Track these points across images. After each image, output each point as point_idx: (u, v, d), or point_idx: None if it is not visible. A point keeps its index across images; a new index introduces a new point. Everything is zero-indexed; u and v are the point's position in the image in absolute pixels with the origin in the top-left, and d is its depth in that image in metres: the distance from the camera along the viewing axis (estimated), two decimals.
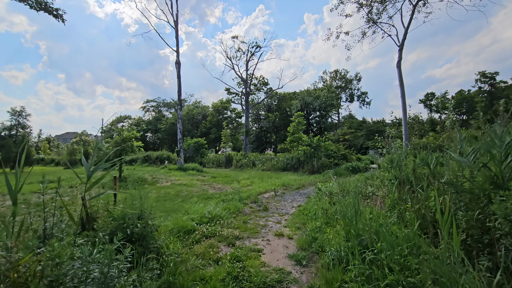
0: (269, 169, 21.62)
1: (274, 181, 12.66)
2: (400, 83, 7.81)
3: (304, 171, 17.97)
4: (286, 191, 9.81)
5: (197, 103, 63.47)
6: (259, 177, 15.70)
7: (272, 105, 42.28)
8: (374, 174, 13.64)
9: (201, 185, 11.97)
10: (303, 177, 14.54)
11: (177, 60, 20.36)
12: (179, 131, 20.19)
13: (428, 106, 75.14)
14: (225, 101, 51.96)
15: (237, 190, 10.40)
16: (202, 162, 27.42)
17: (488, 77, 57.92)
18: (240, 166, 24.33)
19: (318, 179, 13.84)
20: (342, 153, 21.33)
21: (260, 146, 43.49)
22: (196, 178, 14.73)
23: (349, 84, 66.04)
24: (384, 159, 8.34)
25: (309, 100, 35.74)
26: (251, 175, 16.76)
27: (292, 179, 13.64)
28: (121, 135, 12.44)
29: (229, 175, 16.88)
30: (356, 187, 7.52)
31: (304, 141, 18.30)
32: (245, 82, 29.00)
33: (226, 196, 8.18)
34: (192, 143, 29.17)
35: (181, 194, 9.15)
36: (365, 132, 52.45)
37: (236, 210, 6.30)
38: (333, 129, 39.13)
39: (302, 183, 12.02)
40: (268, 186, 10.98)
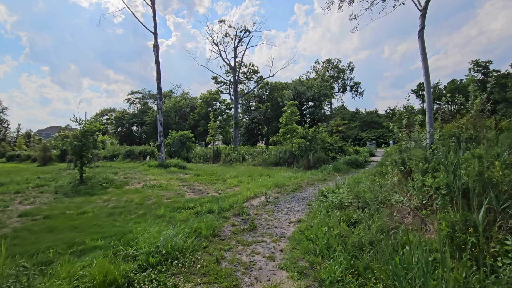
0: (260, 164, 19.79)
1: (266, 180, 10.82)
2: (423, 56, 5.96)
3: (298, 166, 16.21)
4: (280, 194, 7.97)
5: (185, 94, 60.71)
6: (248, 174, 13.84)
7: (263, 96, 40.21)
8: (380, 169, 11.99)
9: (178, 187, 10.02)
10: (298, 174, 12.75)
11: (155, 43, 18.05)
12: (159, 124, 18.04)
13: (420, 96, 74.42)
14: (214, 91, 49.54)
15: (221, 193, 8.51)
16: (188, 157, 25.40)
17: (482, 66, 57.08)
18: (229, 161, 22.41)
19: (316, 176, 12.07)
20: (339, 145, 19.65)
21: (251, 138, 41.54)
22: (176, 177, 12.75)
23: (342, 74, 64.34)
24: (405, 154, 6.58)
25: (302, 89, 33.82)
26: (240, 172, 14.88)
27: (287, 176, 11.83)
28: (82, 129, 10.28)
29: (215, 172, 14.97)
30: (372, 192, 5.73)
31: (298, 133, 16.48)
32: (234, 70, 26.77)
33: (202, 206, 6.29)
34: (177, 137, 27.03)
35: (147, 202, 7.19)
36: (358, 123, 51.20)
37: (211, 232, 4.41)
38: (326, 121, 37.48)
39: (298, 182, 10.21)
40: (258, 187, 9.13)
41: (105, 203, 7.17)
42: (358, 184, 7.36)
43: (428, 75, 6.80)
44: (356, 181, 9.01)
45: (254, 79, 30.85)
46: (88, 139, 10.35)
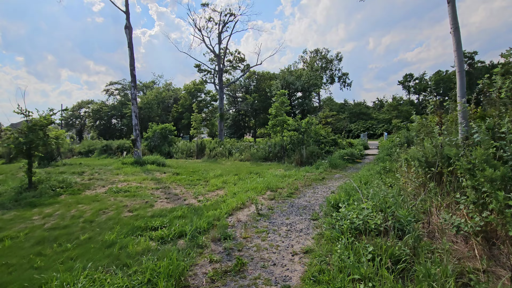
0: (248, 159, 18.22)
1: (255, 180, 9.24)
2: (455, 27, 4.47)
3: (290, 161, 14.75)
4: (273, 202, 6.42)
5: (168, 85, 57.79)
6: (235, 171, 12.25)
7: (250, 86, 38.35)
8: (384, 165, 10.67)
9: (151, 192, 8.30)
10: (291, 171, 11.26)
11: (127, 24, 15.85)
12: (133, 115, 16.02)
13: (407, 87, 74.72)
14: (199, 82, 47.13)
15: (200, 201, 6.88)
16: (170, 152, 23.52)
17: (467, 56, 57.20)
18: (214, 156, 20.70)
19: (312, 174, 10.63)
20: (332, 138, 18.33)
21: (237, 131, 39.80)
22: (151, 177, 10.98)
23: (330, 64, 63.18)
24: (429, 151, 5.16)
25: (291, 79, 32.25)
26: (225, 169, 13.26)
27: (279, 175, 10.32)
28: (29, 122, 8.32)
29: (198, 170, 13.28)
30: (405, 207, 4.28)
31: (290, 125, 14.96)
32: (218, 58, 24.74)
33: (172, 224, 4.65)
34: (158, 130, 24.99)
35: (100, 218, 5.46)
36: (347, 114, 50.34)
37: (173, 283, 2.81)
38: (316, 112, 36.21)
39: (293, 183, 8.71)
40: (246, 191, 7.57)
41: (44, 220, 5.39)
42: (368, 187, 5.94)
43: (460, 50, 5.35)
44: (363, 181, 7.61)
45: (240, 68, 28.94)
46: (37, 135, 8.39)
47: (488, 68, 51.74)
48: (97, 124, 52.71)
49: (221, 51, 25.23)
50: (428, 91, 70.86)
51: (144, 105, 48.25)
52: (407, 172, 7.15)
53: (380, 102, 60.56)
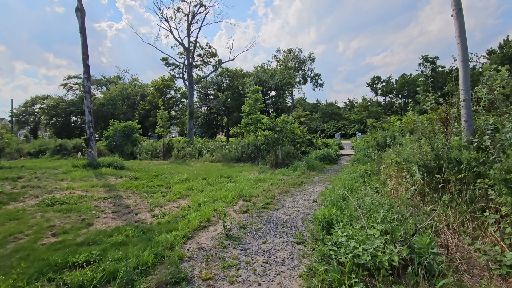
0: (220, 159, 16.92)
1: (226, 186, 8.01)
2: (458, 8, 3.57)
3: (264, 162, 13.71)
4: (246, 216, 5.24)
5: (134, 80, 54.26)
6: (204, 174, 10.94)
7: (222, 84, 36.84)
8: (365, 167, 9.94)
9: (96, 203, 6.74)
10: (266, 174, 10.18)
11: (78, 6, 13.74)
12: (87, 111, 13.96)
13: (375, 89, 77.67)
14: (168, 78, 44.64)
15: (156, 217, 5.52)
16: (134, 152, 21.44)
17: (430, 61, 60.30)
18: (183, 156, 19.10)
19: (289, 177, 9.65)
20: (308, 138, 17.63)
21: (209, 130, 38.09)
22: (102, 183, 9.28)
23: (303, 64, 63.53)
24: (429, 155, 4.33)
25: (265, 77, 31.31)
26: (193, 172, 11.88)
27: (252, 179, 9.18)
28: None
29: (162, 173, 11.77)
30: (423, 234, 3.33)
31: (264, 123, 13.91)
32: (187, 51, 22.98)
33: (104, 259, 3.31)
34: (120, 128, 22.72)
35: (4, 248, 3.92)
36: (320, 114, 50.73)
37: None
38: (289, 111, 35.69)
39: (269, 188, 7.63)
40: (214, 201, 6.34)
41: None
42: (358, 197, 5.00)
43: (464, 35, 4.59)
44: (348, 187, 6.72)
45: (212, 64, 27.38)
46: None
47: (448, 73, 54.92)
48: (53, 121, 47.91)
49: (191, 44, 23.54)
50: (394, 93, 74.31)
51: (107, 102, 44.63)
52: (396, 176, 6.39)
53: (351, 103, 62.09)
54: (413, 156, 5.15)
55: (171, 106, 47.59)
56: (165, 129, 20.05)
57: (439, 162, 4.59)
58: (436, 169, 4.61)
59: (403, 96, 73.26)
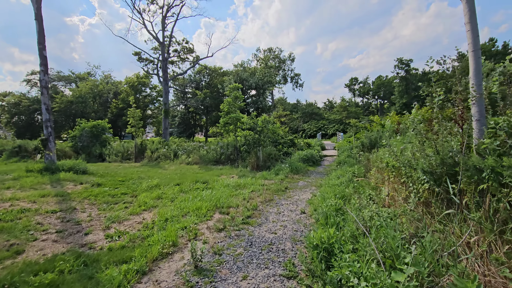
0: (197, 161, 15.80)
1: (201, 194, 7.01)
2: None
3: (245, 165, 12.82)
4: (223, 235, 4.31)
5: (107, 77, 51.19)
6: (178, 179, 9.86)
7: (201, 82, 35.42)
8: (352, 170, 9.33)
9: (40, 218, 5.52)
10: (247, 179, 9.28)
11: None
12: (43, 108, 12.30)
13: (352, 90, 79.30)
14: (143, 75, 42.41)
15: (109, 239, 4.46)
16: (103, 153, 19.71)
17: (404, 63, 62.24)
18: (157, 158, 17.76)
19: (272, 182, 8.82)
20: (290, 138, 16.95)
21: (187, 129, 36.55)
22: (55, 192, 7.94)
23: (283, 64, 63.31)
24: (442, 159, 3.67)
25: (245, 75, 30.39)
26: (165, 176, 10.76)
27: (232, 185, 8.25)
28: None
29: (130, 178, 10.55)
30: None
31: (244, 123, 13.01)
32: (162, 46, 21.50)
33: None
34: (87, 127, 20.87)
35: None
36: (300, 114, 50.66)
37: None
38: (270, 111, 35.05)
39: (250, 197, 6.74)
40: (185, 213, 5.36)
41: None
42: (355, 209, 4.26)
43: (475, 21, 3.97)
44: (339, 194, 5.98)
45: (189, 60, 26.03)
46: None
47: (421, 75, 56.97)
48: (15, 120, 44.04)
49: (166, 39, 22.10)
50: (371, 94, 76.30)
51: (76, 99, 41.60)
52: (393, 182, 5.75)
53: (330, 103, 62.78)
54: (415, 160, 4.48)
55: (146, 104, 45.30)
56: (138, 129, 18.55)
57: (446, 168, 3.94)
58: (444, 177, 3.96)
59: (379, 97, 75.37)
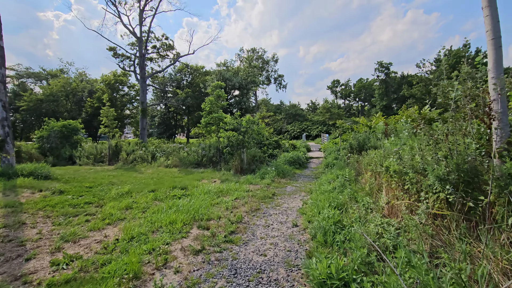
0: (176, 164, 14.80)
1: (178, 203, 6.14)
2: None
3: (228, 168, 12.01)
4: (200, 259, 3.48)
5: (82, 75, 48.45)
6: (153, 185, 8.91)
7: (182, 81, 34.11)
8: (341, 173, 8.76)
9: None
10: (231, 184, 8.48)
11: None
12: (0, 105, 10.87)
13: (334, 92, 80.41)
14: (121, 73, 40.39)
15: (56, 268, 3.52)
16: (73, 156, 18.17)
17: (384, 67, 63.72)
18: (133, 160, 16.55)
19: (258, 187, 8.08)
20: (275, 139, 16.32)
21: (167, 130, 35.08)
22: (6, 202, 6.75)
23: (266, 65, 62.94)
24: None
25: (228, 75, 29.52)
26: (140, 182, 9.76)
27: (213, 191, 7.43)
28: None
29: (100, 183, 9.47)
30: None
31: (227, 123, 12.20)
32: (140, 41, 20.21)
33: None
34: (57, 127, 19.23)
35: None
36: (284, 115, 50.41)
37: None
38: (253, 112, 34.37)
39: (234, 206, 5.95)
40: (156, 229, 4.50)
41: None
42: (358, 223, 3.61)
43: (494, 5, 3.44)
44: (333, 203, 5.34)
45: (169, 57, 24.78)
46: None
47: (400, 79, 58.42)
48: None
49: (144, 34, 20.82)
50: (352, 96, 77.74)
51: (47, 98, 38.95)
52: (393, 189, 5.18)
53: (313, 105, 63.13)
54: (424, 165, 3.90)
55: (124, 104, 43.21)
56: (112, 129, 17.19)
57: (464, 174, 3.37)
58: (462, 184, 3.39)
59: (360, 100, 76.88)
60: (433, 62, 50.14)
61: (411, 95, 40.54)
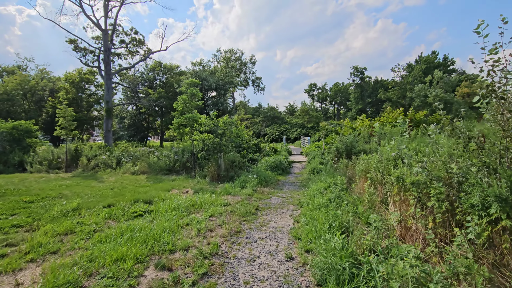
0: (145, 170, 13.18)
1: (132, 227, 4.75)
2: None
3: (203, 174, 10.67)
4: None
5: (44, 72, 44.39)
6: (112, 197, 7.41)
7: (155, 80, 32.04)
8: (332, 180, 7.76)
9: None
10: (205, 195, 7.18)
11: None
12: None
13: (311, 95, 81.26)
14: (87, 71, 37.32)
15: None
16: (24, 161, 15.84)
17: (359, 71, 65.21)
18: (94, 167, 14.63)
19: (237, 198, 6.86)
20: (255, 142, 15.18)
21: (138, 132, 32.71)
22: None
23: (244, 67, 61.99)
24: None
25: (204, 75, 28.05)
26: (97, 193, 8.18)
27: (183, 205, 6.09)
28: None
29: (44, 196, 7.81)
30: None
31: (202, 124, 10.86)
32: (105, 33, 18.20)
33: None
34: (5, 129, 16.81)
35: None
36: (262, 118, 49.53)
37: None
38: (231, 114, 33.08)
39: (208, 228, 4.68)
40: (95, 272, 3.14)
41: None
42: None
43: None
44: (336, 223, 4.27)
45: (140, 54, 22.82)
46: None
47: (374, 83, 59.91)
48: None
49: (109, 26, 18.84)
50: (328, 100, 78.98)
51: (1, 96, 34.97)
52: (408, 204, 4.21)
53: (291, 108, 63.05)
54: (461, 175, 2.92)
55: (91, 104, 40.02)
56: (70, 131, 15.10)
57: None
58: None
59: (336, 103, 78.28)
60: (405, 68, 52.00)
61: (387, 99, 41.41)
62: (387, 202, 5.11)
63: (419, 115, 11.98)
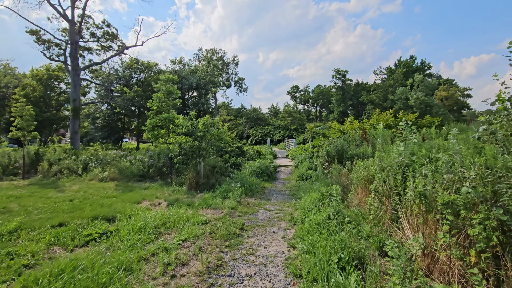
0: (115, 177, 11.79)
1: (73, 264, 3.59)
2: None
3: (180, 181, 9.50)
4: None
5: (7, 68, 40.84)
6: (67, 212, 6.18)
7: (132, 79, 30.15)
8: (324, 189, 6.82)
9: None
10: (181, 209, 6.07)
11: None
12: None
13: (294, 97, 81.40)
14: (56, 67, 34.60)
15: None
16: None
17: (341, 74, 65.89)
18: (57, 173, 12.98)
19: (218, 212, 5.81)
20: (238, 145, 14.15)
21: (112, 134, 30.60)
22: None
23: (226, 68, 60.78)
24: None
25: (184, 73, 26.66)
26: (50, 206, 6.86)
27: (152, 225, 4.97)
28: None
29: None
30: None
31: (179, 125, 9.69)
32: (72, 24, 16.39)
33: None
34: None
35: None
36: (245, 119, 48.50)
37: None
38: (213, 115, 31.80)
39: (180, 260, 3.61)
40: None
41: None
42: None
43: None
44: (343, 253, 3.36)
45: (113, 49, 20.98)
46: None
47: (355, 86, 60.73)
48: None
49: (77, 18, 17.09)
50: (310, 102, 79.43)
51: None
52: (437, 229, 3.38)
53: (274, 109, 62.54)
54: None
55: (61, 104, 37.21)
56: (28, 133, 13.32)
57: None
58: None
59: (318, 105, 78.86)
60: (385, 71, 53.03)
61: (369, 101, 41.79)
62: (397, 220, 4.29)
63: (410, 118, 11.52)
